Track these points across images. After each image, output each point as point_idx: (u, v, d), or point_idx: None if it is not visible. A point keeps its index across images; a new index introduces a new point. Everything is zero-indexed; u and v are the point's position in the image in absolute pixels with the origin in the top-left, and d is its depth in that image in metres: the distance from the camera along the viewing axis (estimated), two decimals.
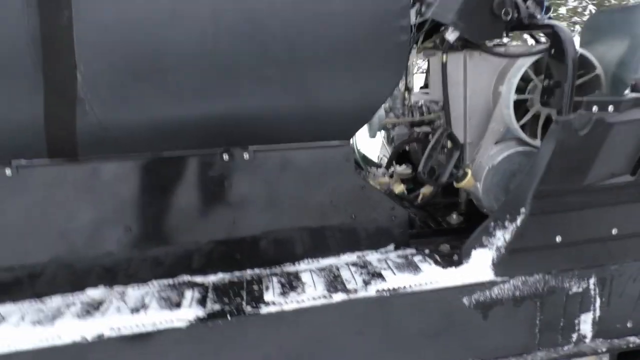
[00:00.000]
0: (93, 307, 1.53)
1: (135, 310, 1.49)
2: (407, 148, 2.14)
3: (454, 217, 1.91)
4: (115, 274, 1.64)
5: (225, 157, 1.61)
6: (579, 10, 17.85)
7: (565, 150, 1.52)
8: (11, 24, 1.32)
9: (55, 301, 1.60)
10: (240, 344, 1.46)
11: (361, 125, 1.68)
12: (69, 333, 1.41)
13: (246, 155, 1.61)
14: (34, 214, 1.54)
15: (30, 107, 1.38)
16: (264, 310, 1.47)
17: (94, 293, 1.62)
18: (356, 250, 1.75)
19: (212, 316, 1.45)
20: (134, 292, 1.61)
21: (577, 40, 1.76)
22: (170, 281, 1.67)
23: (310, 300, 1.49)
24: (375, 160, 2.37)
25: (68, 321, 1.46)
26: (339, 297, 1.50)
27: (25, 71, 1.34)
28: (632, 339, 1.65)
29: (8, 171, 1.50)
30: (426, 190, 1.93)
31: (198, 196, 1.63)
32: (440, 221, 1.96)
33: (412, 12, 1.83)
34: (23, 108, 1.38)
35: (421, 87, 2.30)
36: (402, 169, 2.13)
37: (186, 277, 1.67)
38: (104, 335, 1.39)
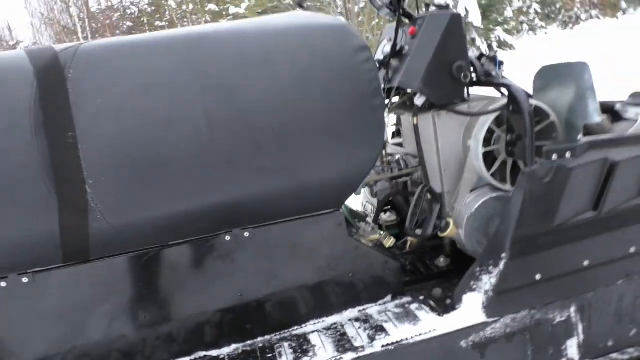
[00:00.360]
0: None
1: None
2: (390, 198, 2.29)
3: (442, 260, 2.07)
4: (136, 356, 1.73)
5: (227, 238, 1.73)
6: (524, 10, 18.60)
7: (534, 197, 1.69)
8: (22, 150, 1.43)
9: None
10: None
11: (350, 195, 1.83)
12: None
13: (246, 234, 1.74)
14: (51, 314, 1.64)
15: (46, 223, 1.48)
16: None
17: None
18: (357, 305, 1.88)
19: None
20: None
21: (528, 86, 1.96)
22: (187, 358, 1.78)
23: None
24: (361, 208, 2.52)
25: None
26: (348, 356, 1.63)
27: (39, 191, 1.44)
28: (614, 355, 1.82)
29: (25, 279, 1.60)
30: (413, 238, 2.09)
31: (206, 276, 1.74)
32: (429, 265, 2.11)
33: (380, 77, 2.00)
34: (39, 224, 1.48)
35: (392, 135, 2.47)
36: (387, 217, 2.29)
37: (202, 353, 1.78)
38: None
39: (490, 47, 1.94)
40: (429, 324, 1.69)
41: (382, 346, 1.64)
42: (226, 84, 1.57)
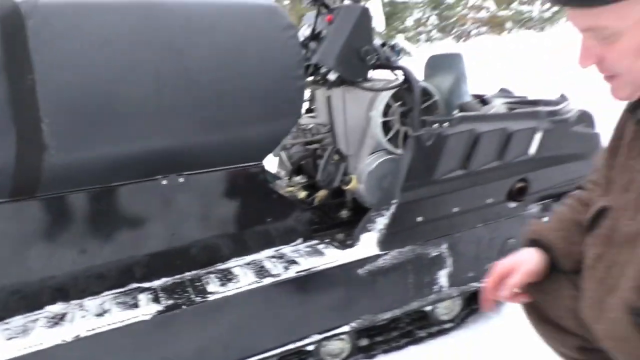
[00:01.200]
0: (58, 318, 1.81)
1: (99, 314, 1.81)
2: (302, 162, 2.65)
3: (344, 213, 2.47)
4: (69, 290, 1.92)
5: (164, 182, 1.98)
6: (423, 21, 19.94)
7: (418, 157, 2.14)
8: None
9: (17, 321, 1.84)
10: (194, 328, 1.85)
11: (272, 150, 2.15)
12: (46, 339, 1.69)
13: (181, 180, 2.00)
14: None
15: (3, 155, 1.64)
16: (210, 298, 1.88)
17: (53, 308, 1.89)
18: (273, 246, 2.21)
19: (169, 308, 1.82)
20: (91, 303, 1.91)
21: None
22: (121, 290, 1.99)
23: (245, 286, 1.93)
24: (275, 173, 2.86)
25: (41, 331, 1.73)
26: (267, 281, 1.96)
27: (1, 126, 1.61)
28: (474, 284, 2.33)
29: None
30: (320, 194, 2.46)
31: (144, 216, 1.97)
32: (333, 218, 2.50)
33: None
34: None
35: (306, 111, 2.84)
36: (299, 179, 2.64)
37: (135, 285, 2.01)
38: (79, 336, 1.70)
39: (392, 46, 2.34)
40: (334, 257, 2.07)
41: (296, 272, 1.99)
42: (174, 45, 1.82)
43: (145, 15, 1.79)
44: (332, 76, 2.23)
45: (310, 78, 2.45)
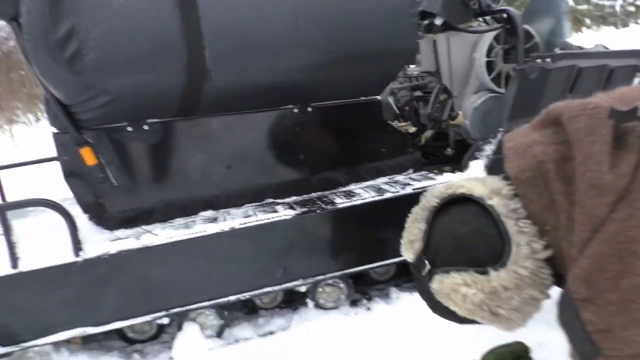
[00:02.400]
0: (211, 220, 2.14)
1: (246, 216, 2.13)
2: (406, 109, 2.89)
3: (449, 151, 2.67)
4: (218, 201, 2.26)
5: (295, 110, 2.29)
6: None
7: (523, 89, 2.31)
8: (166, 20, 1.95)
9: (179, 221, 2.20)
10: (325, 228, 2.13)
11: (387, 84, 2.41)
12: (208, 229, 2.03)
13: (309, 109, 2.30)
14: (162, 157, 2.16)
15: (176, 78, 2.00)
16: (339, 206, 2.15)
17: (206, 214, 2.24)
18: (386, 175, 2.46)
19: (305, 212, 2.11)
20: (236, 211, 2.24)
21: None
22: (259, 203, 2.31)
23: (368, 199, 2.18)
24: None
25: (201, 226, 2.07)
26: (387, 195, 2.20)
27: (175, 54, 1.97)
28: None
29: (145, 127, 2.12)
30: (426, 134, 2.68)
31: (278, 140, 2.29)
32: (438, 155, 2.71)
33: None
34: (172, 79, 2.00)
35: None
36: (405, 123, 2.88)
37: (270, 199, 2.32)
38: (234, 228, 2.03)
39: None
40: (446, 179, 2.28)
41: (413, 189, 2.23)
42: None
43: None
44: (438, 21, 2.46)
45: None
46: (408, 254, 1.23)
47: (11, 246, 1.81)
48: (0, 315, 1.85)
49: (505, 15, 2.44)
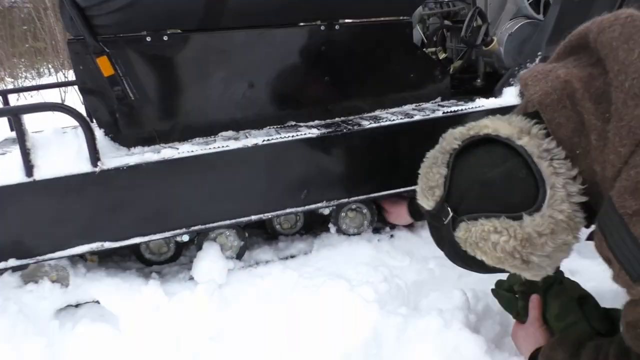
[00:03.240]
0: (233, 138, 2.04)
1: (268, 135, 2.03)
2: (435, 38, 2.75)
3: (478, 82, 2.55)
4: (239, 122, 2.16)
5: (322, 28, 2.15)
6: None
7: (565, 13, 2.17)
8: None
9: (197, 140, 2.10)
10: (351, 149, 2.05)
11: (420, 3, 2.27)
12: (227, 146, 1.94)
13: (337, 27, 2.17)
14: (181, 72, 2.04)
15: None
16: (364, 127, 2.05)
17: (226, 134, 2.14)
18: (413, 102, 2.35)
19: (330, 132, 2.02)
20: (258, 132, 2.14)
21: None
22: (280, 126, 2.21)
23: (397, 121, 2.08)
24: None
25: (220, 143, 1.97)
26: (416, 118, 2.10)
27: None
28: None
29: (165, 37, 2.00)
30: (455, 64, 2.56)
31: (303, 59, 2.17)
32: (467, 86, 2.60)
33: None
34: None
35: None
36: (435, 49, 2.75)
37: (292, 122, 2.22)
38: (258, 144, 1.94)
39: None
40: (481, 103, 2.18)
41: (443, 112, 2.12)
42: None
43: None
44: None
45: None
46: (425, 202, 1.14)
47: (25, 153, 1.72)
48: (15, 226, 1.78)
49: None
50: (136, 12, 1.86)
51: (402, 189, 2.12)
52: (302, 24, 2.14)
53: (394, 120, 2.07)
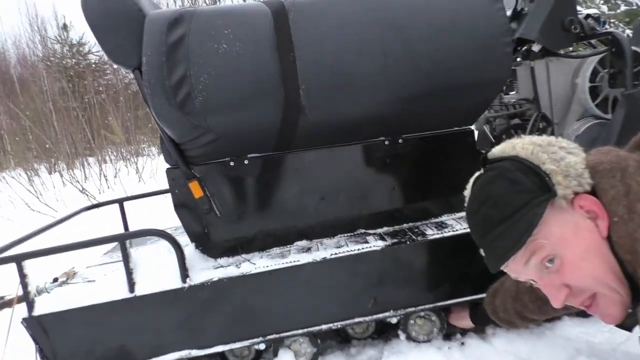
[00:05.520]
0: (305, 249, 2.23)
1: (338, 246, 2.19)
2: (504, 137, 2.81)
3: None
4: (312, 232, 2.35)
5: (386, 143, 2.33)
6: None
7: (631, 115, 2.16)
8: (266, 62, 2.09)
9: (274, 251, 2.31)
10: (416, 259, 2.13)
11: (480, 114, 2.37)
12: (301, 258, 2.12)
13: (400, 141, 2.33)
14: (260, 189, 2.29)
15: (274, 115, 2.14)
16: (429, 238, 2.14)
17: (300, 243, 2.33)
18: None
19: (397, 243, 2.13)
20: (329, 241, 2.31)
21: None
22: (350, 234, 2.36)
23: (461, 230, 2.15)
24: None
25: (294, 255, 2.16)
26: None
27: (274, 92, 2.11)
28: None
29: (246, 161, 2.28)
30: None
31: (369, 172, 2.34)
32: None
33: None
34: (270, 116, 2.14)
35: (506, 89, 3.00)
36: None
37: (362, 230, 2.37)
38: (326, 258, 2.10)
39: (596, 17, 2.42)
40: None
41: None
42: (397, 23, 2.18)
43: (371, 0, 2.19)
44: (536, 47, 2.39)
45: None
46: None
47: (129, 273, 2.02)
48: (118, 335, 2.06)
49: (610, 38, 2.31)
50: (222, 143, 2.16)
51: (469, 297, 2.15)
52: (367, 141, 2.32)
53: (457, 230, 2.14)
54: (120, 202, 3.03)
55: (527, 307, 1.72)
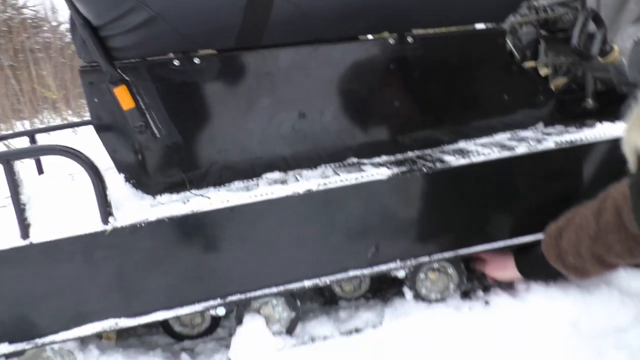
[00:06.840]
0: (279, 182, 1.62)
1: (323, 176, 1.59)
2: (529, 50, 2.25)
3: (590, 103, 2.02)
4: (288, 160, 1.74)
5: (391, 41, 1.72)
6: None
7: None
8: None
9: (236, 185, 1.69)
10: (429, 192, 1.58)
11: (516, 7, 1.79)
12: (272, 193, 1.50)
13: (409, 39, 1.73)
14: (216, 102, 1.65)
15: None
16: (451, 165, 1.57)
17: (272, 176, 1.71)
18: (508, 130, 1.85)
19: (404, 172, 1.55)
20: (310, 173, 1.70)
21: None
22: (339, 163, 1.76)
23: (494, 156, 1.59)
24: None
25: (263, 189, 1.53)
26: (521, 149, 1.60)
27: None
28: None
29: (196, 60, 1.62)
30: (558, 82, 2.04)
31: (367, 82, 1.73)
32: (575, 109, 2.06)
33: None
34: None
35: None
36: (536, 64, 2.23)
37: (354, 159, 1.77)
38: (311, 190, 1.50)
39: None
40: (601, 129, 1.65)
41: (555, 144, 1.61)
42: None
43: None
44: None
45: None
46: None
47: (20, 209, 1.36)
48: (6, 300, 1.41)
49: None
50: (160, 28, 1.50)
51: (502, 242, 1.62)
52: (365, 37, 1.70)
53: (489, 155, 1.58)
54: (31, 134, 2.29)
55: (612, 249, 1.24)
